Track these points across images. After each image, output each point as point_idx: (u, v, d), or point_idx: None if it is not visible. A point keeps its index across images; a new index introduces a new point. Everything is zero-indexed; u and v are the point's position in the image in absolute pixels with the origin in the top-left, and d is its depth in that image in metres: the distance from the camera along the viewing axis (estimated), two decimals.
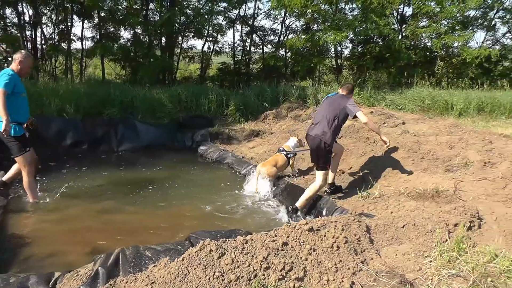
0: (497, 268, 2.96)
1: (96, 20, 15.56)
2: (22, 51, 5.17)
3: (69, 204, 5.53)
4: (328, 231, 3.41)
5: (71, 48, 15.36)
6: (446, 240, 3.41)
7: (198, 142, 9.85)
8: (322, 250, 3.21)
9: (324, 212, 5.21)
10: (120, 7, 15.63)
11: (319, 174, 5.37)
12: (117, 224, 5.06)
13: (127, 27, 15.83)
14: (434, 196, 4.75)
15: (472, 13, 18.33)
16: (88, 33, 26.93)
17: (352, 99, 5.53)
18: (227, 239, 3.22)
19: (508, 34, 20.38)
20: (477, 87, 13.93)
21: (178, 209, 5.71)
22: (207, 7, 16.60)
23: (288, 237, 3.31)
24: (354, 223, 3.64)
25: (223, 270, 2.88)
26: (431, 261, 3.12)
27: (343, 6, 16.90)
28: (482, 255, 3.10)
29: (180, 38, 17.59)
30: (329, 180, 5.72)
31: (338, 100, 5.41)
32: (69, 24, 15.14)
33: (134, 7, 15.68)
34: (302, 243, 3.25)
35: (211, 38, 18.26)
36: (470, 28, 18.22)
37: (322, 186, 5.45)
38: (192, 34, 17.86)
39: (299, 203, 5.44)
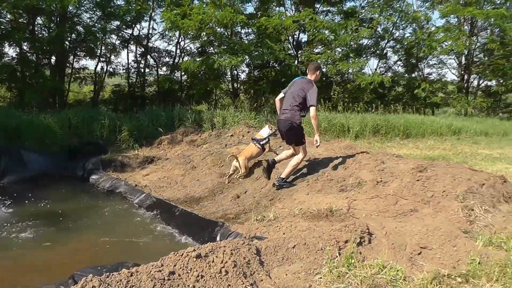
0: (384, 278, 3.13)
1: None
2: None
3: None
4: (216, 257, 3.38)
5: None
6: (336, 256, 3.54)
7: (90, 170, 9.43)
8: (210, 276, 3.18)
9: (218, 238, 5.15)
10: (3, 20, 14.67)
11: (298, 149, 6.33)
12: None
13: (12, 43, 14.90)
14: (328, 215, 4.94)
15: (365, 42, 20.23)
16: None
17: (315, 86, 6.20)
18: (112, 274, 3.07)
19: (399, 62, 22.84)
20: (372, 110, 15.16)
21: (66, 244, 5.37)
22: (99, 25, 16.33)
23: (175, 265, 3.24)
24: (244, 246, 3.63)
25: None
26: (321, 278, 3.20)
27: (239, 30, 17.58)
28: (371, 268, 3.27)
29: (71, 57, 17.06)
30: (282, 175, 6.41)
31: (302, 85, 6.19)
32: None
33: (19, 20, 14.96)
34: (189, 271, 3.20)
35: (104, 58, 18.00)
36: (363, 56, 20.02)
37: (304, 157, 6.45)
38: (84, 53, 17.42)
39: (284, 174, 6.38)
